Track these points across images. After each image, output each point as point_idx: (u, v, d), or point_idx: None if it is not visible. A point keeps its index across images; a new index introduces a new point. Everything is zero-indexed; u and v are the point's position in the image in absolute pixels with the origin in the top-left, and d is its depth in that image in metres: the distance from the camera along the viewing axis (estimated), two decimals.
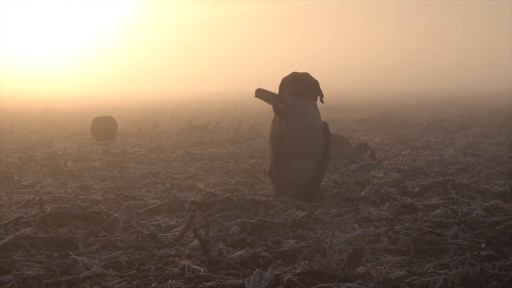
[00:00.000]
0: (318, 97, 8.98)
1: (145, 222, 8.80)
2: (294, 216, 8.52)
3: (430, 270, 6.36)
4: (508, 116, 27.96)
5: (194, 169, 14.21)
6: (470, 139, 19.61)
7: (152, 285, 6.19)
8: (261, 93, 9.10)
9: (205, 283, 6.19)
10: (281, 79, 8.85)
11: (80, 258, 7.15)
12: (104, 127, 19.46)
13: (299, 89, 8.03)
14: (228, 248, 7.32)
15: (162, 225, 8.64)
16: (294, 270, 6.37)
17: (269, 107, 9.05)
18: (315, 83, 8.27)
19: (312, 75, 8.72)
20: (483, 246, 7.19)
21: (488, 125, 24.76)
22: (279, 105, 7.93)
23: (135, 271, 6.74)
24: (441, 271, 6.26)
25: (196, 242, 7.33)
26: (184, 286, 6.12)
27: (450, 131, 22.42)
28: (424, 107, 41.28)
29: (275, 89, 8.76)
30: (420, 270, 6.37)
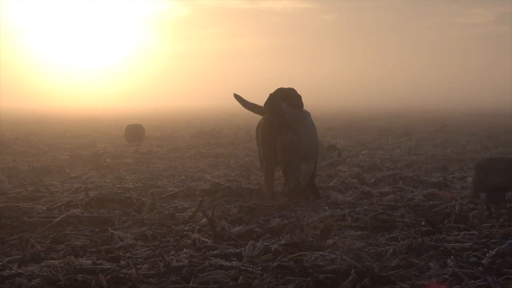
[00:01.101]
0: None
1: (165, 205, 8.78)
2: (279, 201, 8.56)
3: (383, 242, 6.36)
4: (442, 125, 27.94)
5: (203, 165, 14.19)
6: (413, 142, 19.61)
7: (171, 252, 6.18)
8: (237, 97, 9.37)
9: (212, 251, 6.19)
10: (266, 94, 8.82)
11: (116, 232, 7.15)
12: (134, 132, 19.43)
13: (295, 101, 7.70)
14: (229, 224, 7.31)
15: (179, 207, 8.62)
16: (279, 242, 6.37)
17: (257, 119, 9.04)
18: (300, 96, 7.96)
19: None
20: (423, 223, 7.18)
21: (427, 132, 24.73)
22: (285, 116, 7.46)
23: (158, 242, 6.75)
24: (391, 243, 6.25)
25: (204, 220, 7.33)
26: (195, 254, 6.11)
27: (398, 136, 22.38)
28: (378, 118, 41.29)
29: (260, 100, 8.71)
30: (375, 242, 6.37)
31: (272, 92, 7.93)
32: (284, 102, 7.51)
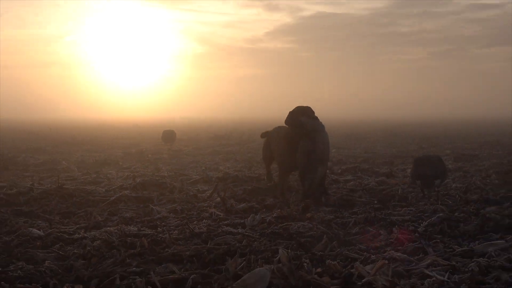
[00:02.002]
0: None
1: (190, 188, 8.77)
2: (272, 185, 8.55)
3: (346, 215, 6.34)
4: (391, 132, 27.88)
5: (217, 159, 14.17)
6: (369, 144, 19.57)
7: (194, 222, 6.17)
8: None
9: (223, 222, 6.19)
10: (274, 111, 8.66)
11: (155, 207, 7.14)
12: (168, 135, 19.40)
13: (313, 114, 7.23)
14: (236, 202, 7.30)
15: (200, 190, 8.60)
16: (272, 215, 6.34)
17: (256, 127, 9.01)
18: (314, 111, 7.38)
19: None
20: (375, 202, 7.17)
21: (380, 136, 24.68)
22: (307, 126, 7.00)
23: (184, 214, 6.73)
24: (352, 216, 6.23)
25: (218, 199, 7.32)
26: (211, 223, 6.10)
27: (359, 139, 22.31)
28: (344, 126, 41.06)
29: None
30: (341, 215, 6.35)
31: (291, 110, 7.42)
32: (303, 116, 7.08)
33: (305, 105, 7.42)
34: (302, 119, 6.92)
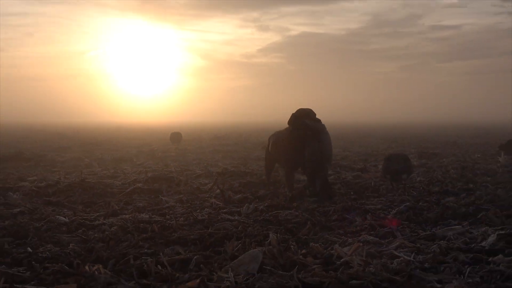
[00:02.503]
0: None
1: (194, 181, 8.75)
2: (263, 178, 8.54)
3: (327, 204, 6.32)
4: (366, 134, 27.90)
5: (217, 157, 14.15)
6: (347, 143, 19.56)
7: (197, 211, 6.14)
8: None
9: (222, 210, 6.16)
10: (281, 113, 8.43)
11: (164, 198, 7.12)
12: (175, 136, 19.39)
13: (314, 117, 6.59)
14: (233, 193, 7.28)
15: (202, 183, 8.58)
16: (264, 204, 6.34)
17: (250, 129, 8.99)
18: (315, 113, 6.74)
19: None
20: (352, 193, 7.16)
21: (355, 137, 24.70)
22: (312, 128, 6.42)
23: (189, 204, 6.71)
24: (332, 205, 6.21)
25: (218, 191, 7.30)
26: (212, 211, 6.08)
27: (339, 139, 22.31)
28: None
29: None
30: (322, 205, 6.33)
31: (294, 112, 6.75)
32: (307, 118, 6.48)
33: (306, 107, 6.89)
34: (306, 121, 6.43)
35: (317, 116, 6.76)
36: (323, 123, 6.72)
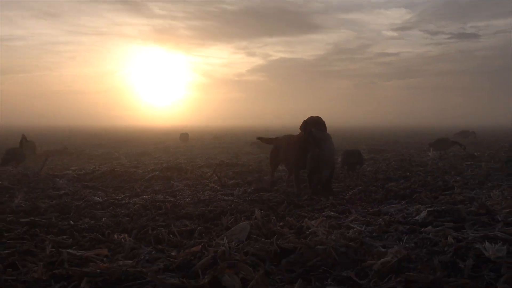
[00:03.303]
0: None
1: (198, 170, 8.73)
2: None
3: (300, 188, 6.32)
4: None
5: (216, 152, 14.12)
6: None
7: (200, 192, 6.14)
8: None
9: (219, 192, 6.15)
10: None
11: (175, 183, 7.10)
12: (184, 136, 19.36)
13: (321, 127, 5.94)
14: (228, 179, 7.27)
15: (204, 171, 8.57)
16: (251, 188, 6.33)
17: (240, 132, 8.96)
18: (325, 122, 6.09)
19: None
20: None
21: (338, 138, 24.66)
22: (315, 137, 5.78)
23: (194, 187, 6.69)
24: (304, 189, 6.22)
25: (216, 178, 7.29)
26: (211, 193, 6.08)
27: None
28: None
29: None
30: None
31: (305, 119, 6.09)
32: (314, 127, 5.83)
33: (316, 115, 6.16)
34: (312, 130, 5.79)
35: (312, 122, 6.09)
36: (327, 132, 6.08)
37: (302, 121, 6.06)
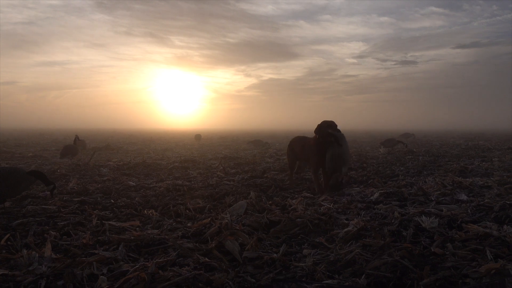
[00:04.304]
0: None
1: (207, 162, 8.69)
2: (250, 159, 8.50)
3: (284, 175, 6.29)
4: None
5: (221, 148, 14.06)
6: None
7: (209, 178, 6.10)
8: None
9: (224, 178, 6.11)
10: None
11: (190, 171, 7.06)
12: (198, 136, 19.24)
13: (335, 128, 4.94)
14: (230, 169, 7.23)
15: (212, 163, 8.53)
16: (248, 175, 6.29)
17: (240, 134, 8.91)
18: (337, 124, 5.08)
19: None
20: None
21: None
22: (335, 136, 4.84)
23: (204, 175, 6.64)
24: (286, 176, 6.20)
25: (221, 167, 7.26)
26: (218, 179, 6.04)
27: (288, 138, 22.24)
28: (281, 135, 41.02)
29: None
30: (282, 176, 6.29)
31: (319, 123, 5.04)
32: (330, 128, 4.93)
33: (329, 120, 5.09)
34: (329, 131, 4.92)
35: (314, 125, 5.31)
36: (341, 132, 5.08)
37: (317, 125, 5.04)
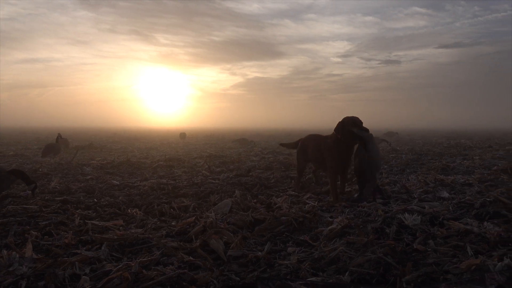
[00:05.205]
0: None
1: (192, 161, 8.64)
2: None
3: (269, 174, 6.30)
4: (290, 135, 27.88)
5: (206, 147, 13.99)
6: (280, 139, 19.56)
7: (194, 177, 6.07)
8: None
9: (209, 177, 6.07)
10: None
11: (175, 170, 7.00)
12: (183, 135, 19.14)
13: (362, 126, 3.99)
14: (215, 167, 7.21)
15: (197, 161, 8.48)
16: (233, 173, 6.28)
17: (225, 132, 8.91)
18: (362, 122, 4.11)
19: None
20: (283, 167, 7.14)
21: (286, 136, 24.69)
22: (361, 137, 3.95)
23: (189, 173, 6.58)
24: (271, 175, 6.20)
25: (206, 166, 7.23)
26: (203, 178, 6.01)
27: (273, 138, 22.27)
28: (269, 133, 41.03)
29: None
30: (267, 174, 6.30)
31: (340, 120, 4.11)
32: (354, 127, 3.98)
33: (352, 115, 4.14)
34: (354, 130, 3.99)
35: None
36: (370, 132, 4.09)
37: (338, 122, 4.13)
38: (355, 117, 4.08)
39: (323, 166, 4.41)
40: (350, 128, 4.02)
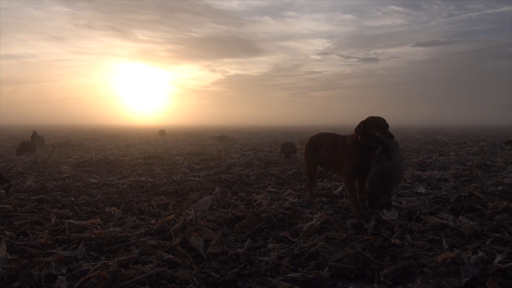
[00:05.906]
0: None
1: (171, 158, 8.57)
2: (221, 152, 8.45)
3: (249, 171, 6.29)
4: (271, 131, 27.96)
5: (186, 144, 13.89)
6: (261, 136, 19.58)
7: (174, 175, 6.01)
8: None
9: (189, 174, 6.04)
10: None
11: (154, 168, 6.91)
12: (162, 132, 18.99)
13: (387, 130, 3.31)
14: (195, 165, 7.16)
15: (177, 159, 8.42)
16: (213, 171, 6.25)
17: (205, 130, 8.80)
18: (388, 125, 3.37)
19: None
20: (263, 165, 7.15)
21: (266, 133, 24.74)
22: (383, 140, 3.24)
23: (169, 171, 6.53)
24: (251, 172, 6.19)
25: (186, 164, 7.17)
26: (183, 175, 5.95)
27: (253, 135, 22.25)
28: (249, 130, 40.93)
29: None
30: (247, 172, 6.29)
31: (363, 119, 3.39)
32: (378, 131, 3.29)
33: (377, 116, 3.41)
34: (377, 135, 3.27)
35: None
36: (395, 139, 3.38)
37: (360, 122, 3.44)
38: (381, 118, 3.38)
39: (338, 170, 3.71)
40: (372, 131, 3.33)
